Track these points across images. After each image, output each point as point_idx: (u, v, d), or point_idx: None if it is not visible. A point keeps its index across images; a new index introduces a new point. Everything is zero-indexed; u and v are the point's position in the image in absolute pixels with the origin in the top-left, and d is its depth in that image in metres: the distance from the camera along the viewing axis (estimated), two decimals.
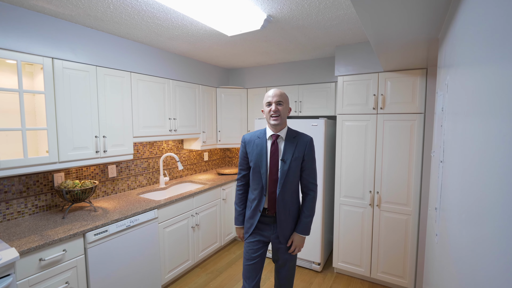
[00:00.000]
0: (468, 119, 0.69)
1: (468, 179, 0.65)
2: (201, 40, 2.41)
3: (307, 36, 2.26)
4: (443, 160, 1.05)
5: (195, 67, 3.15)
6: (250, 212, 1.64)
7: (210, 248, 2.98)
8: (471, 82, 0.68)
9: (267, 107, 1.56)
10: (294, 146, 1.56)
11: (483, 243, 0.52)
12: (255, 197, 1.60)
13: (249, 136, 1.66)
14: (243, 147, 1.66)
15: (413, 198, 2.26)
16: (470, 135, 0.67)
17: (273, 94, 1.54)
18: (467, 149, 0.69)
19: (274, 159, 1.56)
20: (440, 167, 1.09)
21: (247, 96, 3.52)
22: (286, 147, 1.57)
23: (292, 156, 1.55)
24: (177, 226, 2.54)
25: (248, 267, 1.61)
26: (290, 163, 1.55)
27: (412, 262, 2.30)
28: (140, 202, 2.36)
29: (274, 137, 1.58)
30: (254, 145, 1.61)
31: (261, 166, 1.56)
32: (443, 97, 1.09)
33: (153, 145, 3.00)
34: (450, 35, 1.06)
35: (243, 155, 1.67)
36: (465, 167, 0.71)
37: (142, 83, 2.51)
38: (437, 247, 1.07)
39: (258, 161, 1.57)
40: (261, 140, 1.60)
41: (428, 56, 1.94)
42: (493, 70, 0.51)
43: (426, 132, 2.17)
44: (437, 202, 1.14)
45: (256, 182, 1.59)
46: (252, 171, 1.61)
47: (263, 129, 1.66)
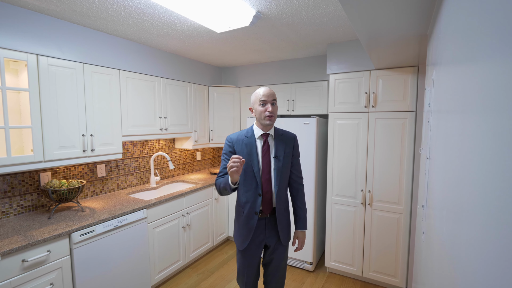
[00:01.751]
0: (450, 115, 0.67)
1: (449, 175, 0.63)
2: (191, 38, 2.38)
3: (298, 33, 2.24)
4: (429, 157, 1.03)
5: (187, 65, 3.12)
6: (243, 218, 1.54)
7: (201, 248, 2.95)
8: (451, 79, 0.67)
9: (260, 107, 1.51)
10: (284, 143, 1.58)
11: (461, 240, 0.50)
12: (248, 199, 1.52)
13: (235, 135, 1.59)
14: (230, 146, 1.57)
15: (405, 196, 2.26)
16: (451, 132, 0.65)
17: (268, 93, 1.50)
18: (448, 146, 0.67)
19: (266, 158, 1.53)
20: (426, 164, 1.08)
21: (240, 95, 3.50)
22: (277, 145, 1.56)
23: (284, 153, 1.56)
24: (167, 226, 2.50)
25: (247, 273, 1.58)
26: (283, 160, 1.55)
27: (404, 260, 2.30)
28: (129, 202, 2.33)
29: (265, 136, 1.56)
30: (243, 145, 1.54)
31: (254, 165, 1.51)
32: (429, 92, 1.08)
33: (144, 144, 2.96)
34: (436, 30, 1.04)
35: (230, 154, 1.56)
36: (446, 164, 0.69)
37: (132, 81, 2.47)
38: (423, 246, 1.06)
39: (249, 161, 1.52)
40: (249, 139, 1.55)
41: (419, 53, 1.93)
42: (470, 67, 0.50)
43: (418, 130, 2.16)
44: (424, 200, 1.12)
45: (249, 183, 1.52)
46: (243, 172, 1.52)
47: (247, 128, 1.62)
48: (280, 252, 1.60)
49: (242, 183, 1.54)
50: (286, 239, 1.59)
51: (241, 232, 1.56)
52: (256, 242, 1.56)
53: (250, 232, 1.52)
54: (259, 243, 1.56)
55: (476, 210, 0.42)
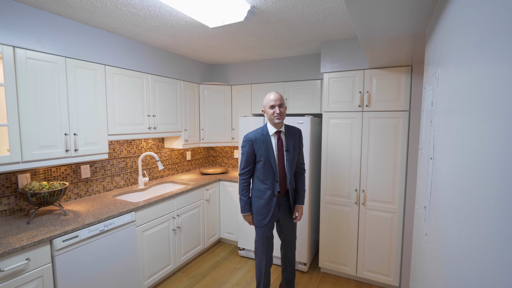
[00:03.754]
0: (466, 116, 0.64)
1: (466, 177, 0.60)
2: (182, 32, 2.29)
3: (292, 30, 2.19)
4: (433, 157, 1.00)
5: (177, 61, 3.02)
6: (264, 201, 1.94)
7: (193, 251, 2.86)
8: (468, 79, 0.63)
9: (270, 109, 1.87)
10: (293, 138, 1.96)
11: (483, 244, 0.47)
12: (267, 185, 1.92)
13: (253, 135, 1.91)
14: (251, 145, 1.89)
15: (398, 196, 2.26)
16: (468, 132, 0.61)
17: (275, 98, 1.86)
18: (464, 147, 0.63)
19: (280, 152, 1.92)
20: (429, 164, 1.05)
21: (232, 93, 3.42)
22: (287, 140, 1.95)
23: (293, 146, 1.95)
24: (157, 229, 2.41)
25: (267, 242, 2.00)
26: (293, 152, 1.95)
27: (397, 259, 2.30)
28: (116, 205, 2.21)
29: (278, 133, 1.92)
30: (261, 142, 1.89)
31: (271, 159, 1.89)
32: (432, 91, 1.05)
33: (131, 143, 2.84)
34: (439, 28, 1.02)
35: (250, 152, 1.90)
36: (462, 165, 0.65)
37: (118, 77, 2.35)
38: (427, 247, 1.03)
39: (267, 156, 1.88)
40: (265, 137, 1.90)
41: (413, 53, 1.93)
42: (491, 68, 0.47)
43: (411, 130, 2.16)
44: (426, 200, 1.09)
45: (268, 173, 1.91)
46: (263, 165, 1.89)
47: (262, 127, 1.95)
48: (289, 221, 2.06)
49: (262, 173, 1.92)
50: (294, 211, 2.05)
51: (262, 211, 1.95)
52: (273, 218, 1.97)
53: (270, 211, 1.94)
54: (274, 218, 1.99)
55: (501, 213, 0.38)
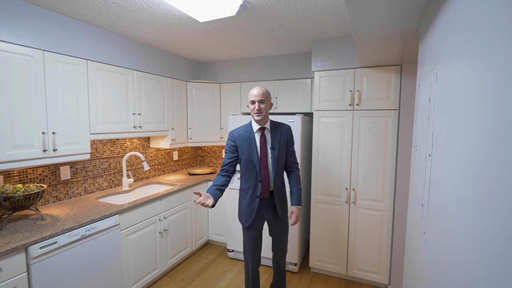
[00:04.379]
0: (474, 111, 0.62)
1: (477, 174, 0.57)
2: (170, 27, 2.20)
3: (284, 27, 2.16)
4: (431, 154, 0.99)
5: (163, 58, 2.92)
6: (247, 201, 1.84)
7: (180, 254, 2.76)
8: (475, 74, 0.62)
9: (251, 105, 1.77)
10: (279, 135, 1.83)
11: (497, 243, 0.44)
12: (249, 185, 1.82)
13: (236, 131, 1.83)
14: (232, 141, 1.81)
15: (388, 194, 2.27)
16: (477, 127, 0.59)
17: (256, 93, 1.74)
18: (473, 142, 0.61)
19: (264, 149, 1.80)
20: (427, 161, 1.03)
21: (220, 92, 3.35)
22: (273, 137, 1.83)
23: (279, 143, 1.83)
24: (143, 232, 2.30)
25: (253, 244, 1.88)
26: (278, 150, 1.82)
27: (387, 257, 2.31)
28: (99, 208, 2.10)
29: (262, 130, 1.82)
30: (243, 139, 1.80)
31: (253, 156, 1.78)
32: (430, 88, 1.04)
33: (115, 143, 2.71)
34: (437, 25, 1.01)
35: (232, 148, 1.81)
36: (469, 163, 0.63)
37: (101, 73, 2.23)
38: (425, 246, 1.01)
39: (249, 153, 1.78)
40: (249, 133, 1.81)
41: (403, 52, 1.94)
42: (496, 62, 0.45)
43: (401, 128, 2.18)
44: (423, 198, 1.08)
45: (250, 172, 1.80)
46: (245, 163, 1.80)
47: (247, 124, 1.85)
48: (279, 224, 1.92)
49: (244, 172, 1.82)
50: (283, 214, 1.91)
51: (245, 212, 1.85)
52: (258, 219, 1.86)
53: (253, 212, 1.82)
54: (260, 220, 1.87)
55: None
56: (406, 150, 2.17)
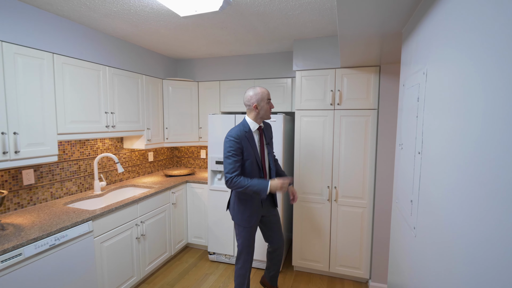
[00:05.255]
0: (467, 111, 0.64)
1: (477, 171, 0.59)
2: (146, 21, 2.08)
3: (267, 25, 2.13)
4: (421, 151, 1.02)
5: (138, 54, 2.76)
6: (251, 201, 1.86)
7: (158, 260, 2.64)
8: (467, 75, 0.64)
9: (267, 104, 1.81)
10: (268, 131, 1.99)
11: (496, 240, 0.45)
12: None
13: (238, 132, 1.78)
14: (238, 143, 1.76)
15: (368, 191, 2.34)
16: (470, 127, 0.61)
17: (268, 92, 1.85)
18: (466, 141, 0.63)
19: (262, 147, 1.90)
20: (416, 158, 1.06)
21: (199, 90, 3.25)
22: (266, 134, 1.95)
23: (270, 139, 1.99)
24: (118, 238, 2.16)
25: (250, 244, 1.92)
26: (271, 144, 1.99)
27: (368, 252, 2.39)
28: (69, 214, 1.92)
29: (260, 129, 1.89)
30: (246, 140, 1.80)
31: (257, 156, 1.83)
32: (418, 87, 1.07)
33: (85, 144, 2.51)
34: (424, 28, 1.04)
35: (239, 150, 1.76)
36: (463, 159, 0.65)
37: (70, 68, 2.05)
38: (416, 241, 1.04)
39: (253, 153, 1.82)
40: (249, 133, 1.82)
41: (381, 53, 2.01)
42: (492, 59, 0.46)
43: (380, 127, 2.26)
44: (412, 195, 1.11)
45: (254, 171, 1.83)
46: (250, 164, 1.80)
47: (242, 124, 1.84)
48: (274, 214, 2.03)
49: (250, 172, 1.81)
50: (276, 201, 2.02)
51: (249, 212, 1.87)
52: (258, 215, 1.91)
53: (257, 209, 1.88)
54: (259, 216, 1.93)
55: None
56: (385, 148, 2.25)
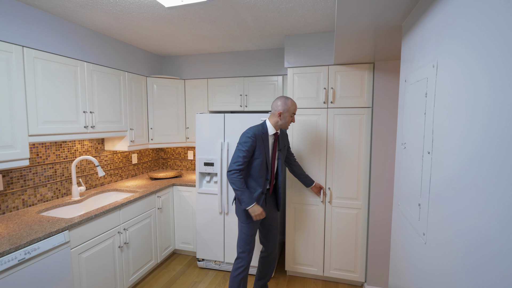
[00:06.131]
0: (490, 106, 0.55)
1: (498, 176, 0.50)
2: (128, 13, 1.93)
3: (257, 19, 2.03)
4: (431, 151, 0.94)
5: (120, 49, 2.59)
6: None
7: (143, 269, 2.47)
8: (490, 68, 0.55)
9: (290, 117, 1.91)
10: (283, 139, 2.07)
11: None
12: (259, 184, 1.92)
13: (256, 131, 1.88)
14: (254, 141, 1.85)
15: (363, 191, 2.28)
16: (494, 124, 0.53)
17: (296, 108, 1.95)
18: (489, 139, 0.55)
19: (274, 151, 2.00)
20: (425, 159, 0.99)
21: (185, 88, 3.11)
22: (280, 141, 2.03)
23: (284, 146, 2.07)
24: (99, 248, 1.99)
25: (252, 240, 1.96)
26: (283, 152, 2.06)
27: (363, 255, 2.32)
28: (42, 223, 1.74)
29: (276, 135, 1.99)
30: (261, 140, 1.89)
31: (267, 157, 1.92)
32: (427, 82, 0.99)
33: (62, 146, 2.32)
34: (433, 18, 0.96)
35: (252, 148, 1.85)
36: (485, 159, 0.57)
37: (42, 63, 1.87)
38: (426, 248, 0.96)
39: (265, 154, 1.90)
40: (265, 135, 1.92)
41: (376, 50, 1.95)
42: None
43: (374, 126, 2.20)
44: (420, 198, 1.04)
45: (262, 171, 1.92)
46: (259, 163, 1.89)
47: (261, 125, 1.93)
48: (275, 215, 2.12)
49: (257, 171, 1.91)
50: (279, 205, 2.11)
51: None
52: None
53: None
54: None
55: None
56: (380, 147, 2.20)
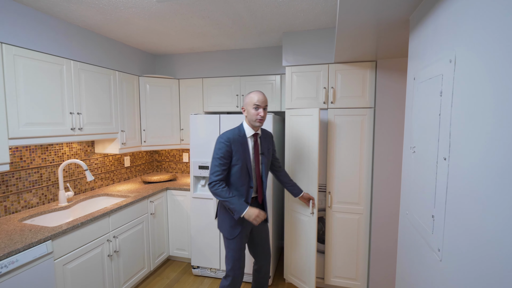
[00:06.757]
0: None
1: None
2: (116, 8, 1.81)
3: (254, 14, 1.92)
4: (448, 157, 0.84)
5: (110, 47, 2.47)
6: None
7: (135, 277, 2.35)
8: None
9: (254, 110, 1.67)
10: (267, 141, 1.85)
11: None
12: (241, 192, 1.73)
13: (230, 135, 1.68)
14: (228, 146, 1.66)
15: (364, 196, 2.17)
16: None
17: (262, 99, 1.69)
18: None
19: (256, 155, 1.77)
20: (441, 165, 0.88)
21: (179, 88, 2.99)
22: (263, 143, 1.81)
23: (267, 149, 1.83)
24: (86, 258, 1.87)
25: (241, 255, 1.78)
26: (267, 155, 1.83)
27: (364, 262, 2.22)
28: (23, 233, 1.62)
29: (255, 136, 1.77)
30: (239, 144, 1.68)
31: (248, 163, 1.71)
32: (442, 79, 0.89)
33: (48, 149, 2.20)
34: (448, 8, 0.86)
35: (228, 154, 1.66)
36: None
37: (24, 60, 1.75)
38: (442, 266, 0.86)
39: (244, 159, 1.70)
40: (243, 138, 1.71)
41: (378, 47, 1.84)
42: None
43: (377, 127, 2.10)
44: (434, 209, 0.93)
45: (243, 178, 1.71)
46: (239, 169, 1.69)
47: (238, 127, 1.74)
48: (264, 228, 1.90)
49: (237, 179, 1.70)
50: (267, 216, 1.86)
51: (234, 222, 1.72)
52: (247, 226, 1.78)
53: (243, 220, 1.72)
54: (248, 227, 1.79)
55: None
56: (383, 150, 2.09)
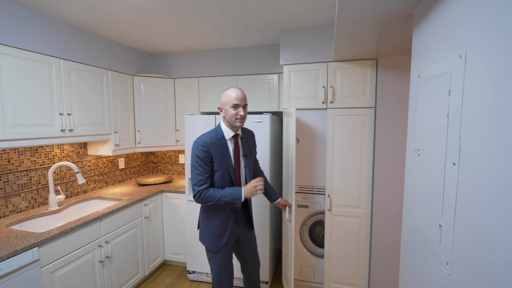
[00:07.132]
0: None
1: None
2: (106, 3, 1.73)
3: (250, 11, 1.84)
4: (457, 162, 0.76)
5: (102, 46, 2.39)
6: (221, 219, 1.59)
7: (129, 283, 2.28)
8: None
9: (232, 109, 1.52)
10: (249, 141, 1.70)
11: None
12: None
13: (207, 139, 1.53)
14: (206, 152, 1.51)
15: (365, 199, 2.10)
16: None
17: (240, 97, 1.53)
18: None
19: (237, 158, 1.62)
20: (449, 171, 0.81)
21: (175, 88, 2.92)
22: (244, 144, 1.66)
23: (250, 150, 1.69)
24: (76, 264, 1.80)
25: (229, 267, 1.64)
26: (250, 157, 1.68)
27: (365, 267, 2.15)
28: (8, 239, 1.55)
29: (236, 137, 1.62)
30: (217, 148, 1.54)
31: (229, 167, 1.57)
32: (450, 76, 0.81)
33: (38, 151, 2.12)
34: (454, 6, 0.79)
35: (208, 160, 1.51)
36: None
37: (9, 59, 1.67)
38: (451, 280, 0.79)
39: (225, 164, 1.56)
40: (221, 141, 1.56)
41: (378, 44, 1.77)
42: None
43: (377, 128, 2.03)
44: (441, 218, 0.86)
45: (226, 185, 1.58)
46: (221, 176, 1.56)
47: (215, 129, 1.59)
48: (250, 235, 1.75)
49: (220, 187, 1.57)
50: (252, 222, 1.74)
51: (217, 232, 1.59)
52: (233, 236, 1.64)
53: (227, 229, 1.60)
54: (234, 236, 1.65)
55: None
56: (384, 152, 2.02)
